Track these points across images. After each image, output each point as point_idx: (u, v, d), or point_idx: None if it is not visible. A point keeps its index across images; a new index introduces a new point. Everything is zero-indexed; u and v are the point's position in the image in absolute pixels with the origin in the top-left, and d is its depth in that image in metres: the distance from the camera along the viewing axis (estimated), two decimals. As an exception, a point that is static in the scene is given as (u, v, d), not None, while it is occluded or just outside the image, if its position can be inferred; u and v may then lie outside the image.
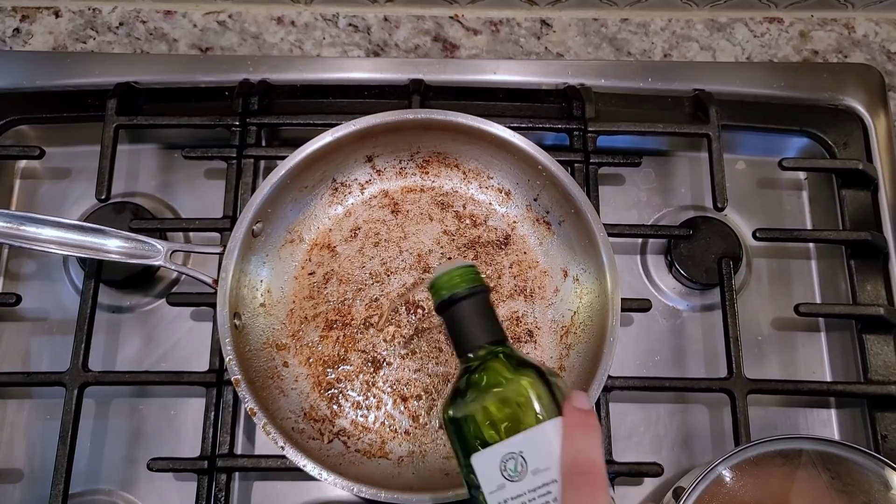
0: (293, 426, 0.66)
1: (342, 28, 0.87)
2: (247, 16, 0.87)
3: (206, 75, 0.80)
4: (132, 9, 0.87)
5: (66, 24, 0.86)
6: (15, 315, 0.75)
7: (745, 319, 0.75)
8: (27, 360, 0.74)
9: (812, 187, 0.82)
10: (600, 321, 0.67)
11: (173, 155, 0.81)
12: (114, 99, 0.76)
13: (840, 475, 0.58)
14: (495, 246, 0.74)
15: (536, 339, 0.71)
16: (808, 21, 0.88)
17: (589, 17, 0.88)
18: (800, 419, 0.74)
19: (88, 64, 0.81)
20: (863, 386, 0.71)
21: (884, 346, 0.72)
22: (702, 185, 0.81)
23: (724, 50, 0.87)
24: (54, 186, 0.80)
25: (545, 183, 0.71)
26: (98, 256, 0.63)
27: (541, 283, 0.73)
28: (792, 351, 0.76)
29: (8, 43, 0.85)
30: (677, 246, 0.76)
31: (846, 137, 0.80)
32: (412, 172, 0.76)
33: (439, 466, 0.66)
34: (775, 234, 0.75)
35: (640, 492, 0.70)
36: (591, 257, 0.69)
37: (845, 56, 0.86)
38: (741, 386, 0.68)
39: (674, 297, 0.77)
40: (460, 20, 0.87)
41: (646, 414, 0.73)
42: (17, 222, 0.62)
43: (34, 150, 0.76)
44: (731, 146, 0.81)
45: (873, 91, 0.81)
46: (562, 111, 0.79)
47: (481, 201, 0.76)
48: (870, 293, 0.74)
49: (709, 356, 0.75)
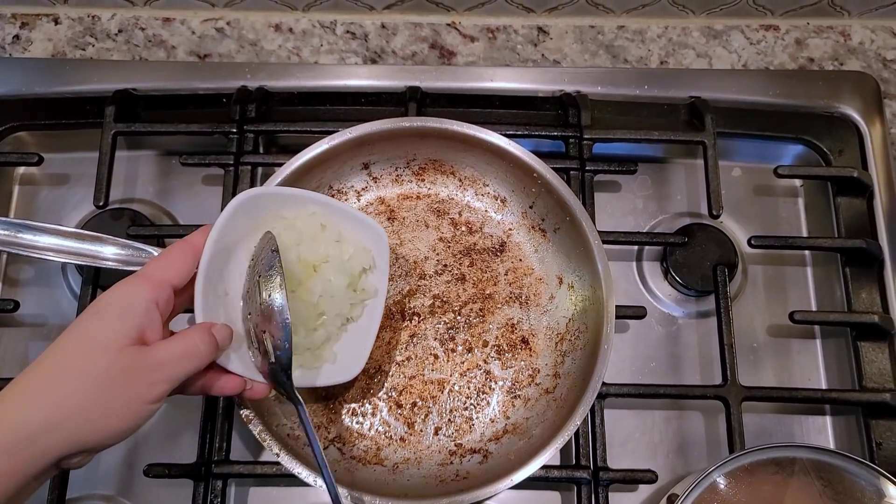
0: (288, 432, 0.67)
1: (340, 35, 0.87)
2: (245, 23, 0.87)
3: (203, 82, 0.81)
4: (131, 16, 0.87)
5: (66, 31, 0.86)
6: (13, 321, 0.75)
7: (741, 326, 0.75)
8: (26, 365, 0.73)
9: (808, 194, 0.82)
10: (595, 328, 0.67)
11: (171, 161, 0.81)
12: (112, 106, 0.76)
13: (832, 483, 0.58)
14: (491, 253, 0.75)
15: (531, 346, 0.72)
16: (804, 28, 0.88)
17: (585, 25, 0.88)
18: (795, 426, 0.74)
19: (87, 71, 0.82)
20: (857, 393, 0.71)
21: (878, 353, 0.72)
22: (698, 193, 0.81)
23: (721, 57, 0.87)
24: (53, 192, 0.80)
25: (540, 191, 0.72)
26: (95, 264, 0.63)
27: (536, 291, 0.74)
28: (787, 358, 0.76)
29: (7, 50, 0.85)
30: (673, 253, 0.76)
31: (842, 145, 0.80)
32: (408, 180, 0.76)
33: (434, 473, 0.67)
34: (770, 241, 0.76)
35: (635, 498, 0.70)
36: (585, 265, 0.69)
37: (841, 64, 0.87)
38: (735, 393, 0.68)
39: (670, 304, 0.77)
40: (457, 27, 0.88)
41: (641, 420, 0.73)
42: (15, 230, 0.62)
43: (33, 156, 0.76)
44: (727, 153, 0.81)
45: (869, 99, 0.82)
46: (558, 118, 0.80)
47: (477, 208, 0.76)
48: (864, 300, 0.75)
49: (704, 363, 0.75)
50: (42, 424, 0.47)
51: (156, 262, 0.56)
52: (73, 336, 0.50)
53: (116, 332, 0.50)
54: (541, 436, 0.66)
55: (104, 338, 0.50)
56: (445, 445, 0.68)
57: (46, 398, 0.47)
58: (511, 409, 0.70)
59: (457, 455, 0.68)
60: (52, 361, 0.50)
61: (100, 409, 0.48)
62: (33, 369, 0.49)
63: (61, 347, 0.50)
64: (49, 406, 0.47)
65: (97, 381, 0.48)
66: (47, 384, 0.48)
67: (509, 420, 0.69)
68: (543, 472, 0.64)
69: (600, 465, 0.67)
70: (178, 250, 0.57)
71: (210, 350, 0.54)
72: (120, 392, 0.49)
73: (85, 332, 0.50)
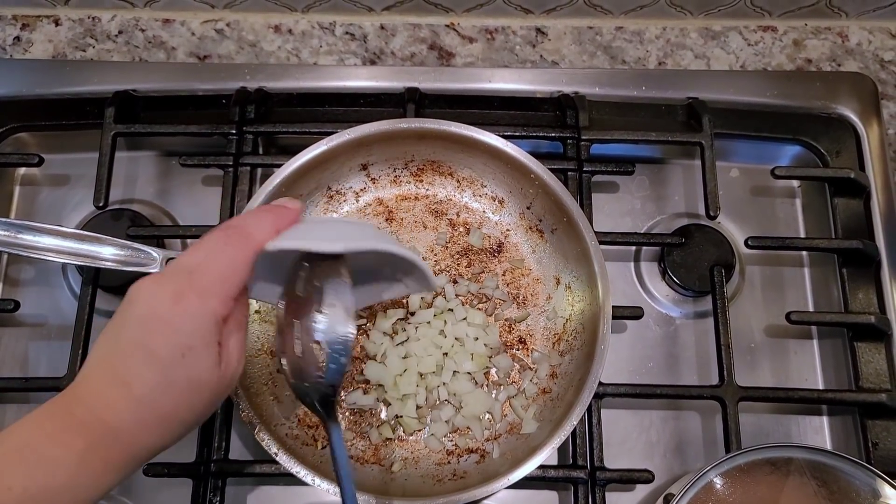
0: (287, 432, 0.67)
1: (339, 36, 0.87)
2: (244, 24, 0.87)
3: (203, 83, 0.81)
4: (131, 17, 0.87)
5: (66, 32, 0.87)
6: (13, 321, 0.76)
7: (738, 327, 0.76)
8: (25, 365, 0.75)
9: (805, 195, 0.82)
10: (592, 329, 0.67)
11: (171, 162, 0.81)
12: (112, 107, 0.76)
13: (828, 483, 0.58)
14: (488, 254, 0.75)
15: (529, 346, 0.72)
16: (801, 30, 0.88)
17: (584, 26, 0.88)
18: (792, 426, 0.74)
19: (87, 72, 0.82)
20: (854, 394, 0.71)
21: (875, 354, 0.73)
22: (695, 193, 0.81)
23: (719, 58, 0.87)
24: (53, 193, 0.81)
25: (538, 191, 0.72)
26: (94, 264, 0.64)
27: (533, 291, 0.74)
28: (784, 358, 0.76)
29: (8, 51, 0.86)
30: (670, 253, 0.76)
31: (839, 146, 0.80)
32: (406, 181, 0.77)
33: (432, 473, 0.67)
34: (767, 242, 0.76)
35: (632, 498, 0.70)
36: (582, 266, 0.69)
37: (839, 65, 0.87)
38: (732, 393, 0.69)
39: (667, 305, 0.77)
40: (456, 28, 0.88)
41: (638, 420, 0.74)
42: (15, 230, 0.63)
43: (33, 157, 0.76)
44: (725, 154, 0.81)
45: (866, 100, 0.82)
46: (556, 119, 0.80)
47: (475, 209, 0.76)
48: (861, 301, 0.75)
49: (701, 363, 0.75)
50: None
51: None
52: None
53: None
54: (538, 435, 0.66)
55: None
56: (443, 445, 0.69)
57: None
58: (508, 409, 0.70)
59: (454, 455, 0.68)
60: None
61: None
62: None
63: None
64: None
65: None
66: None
67: (507, 419, 0.70)
68: (541, 472, 0.64)
69: (597, 464, 0.67)
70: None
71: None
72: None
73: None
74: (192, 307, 0.47)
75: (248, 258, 0.49)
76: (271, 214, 0.51)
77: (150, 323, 0.46)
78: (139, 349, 0.46)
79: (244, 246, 0.49)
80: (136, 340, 0.46)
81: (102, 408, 0.46)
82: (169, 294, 0.47)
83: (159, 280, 0.48)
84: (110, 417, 0.46)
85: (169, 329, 0.46)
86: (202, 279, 0.47)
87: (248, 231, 0.49)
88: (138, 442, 0.47)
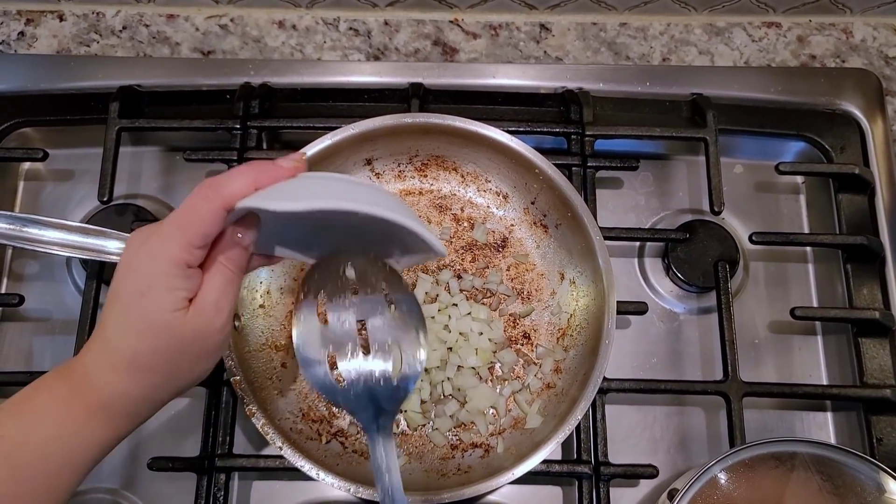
0: (291, 426, 0.67)
1: (343, 32, 0.87)
2: (248, 19, 0.88)
3: (207, 78, 0.81)
4: (135, 12, 0.87)
5: (70, 27, 0.87)
6: (18, 315, 0.76)
7: (742, 322, 0.76)
8: (30, 359, 0.75)
9: (809, 191, 0.82)
10: (596, 324, 0.67)
11: (175, 157, 0.82)
12: (116, 102, 0.76)
13: (832, 478, 0.58)
14: (493, 248, 0.75)
15: (533, 341, 0.72)
16: (806, 26, 0.88)
17: (588, 22, 0.88)
18: (796, 422, 0.74)
19: (92, 67, 0.82)
20: (858, 389, 0.71)
21: (879, 349, 0.73)
22: (699, 189, 0.81)
23: (723, 54, 0.87)
24: (57, 188, 0.81)
25: (542, 186, 0.72)
26: (99, 258, 0.64)
27: (538, 286, 0.74)
28: (788, 354, 0.76)
29: (13, 46, 0.86)
30: (674, 249, 0.76)
31: (843, 142, 0.80)
32: (411, 175, 0.77)
33: (436, 467, 0.67)
34: (771, 237, 0.76)
35: (636, 493, 0.71)
36: (587, 261, 0.69)
37: (843, 61, 0.87)
38: (736, 389, 0.69)
39: (671, 300, 0.77)
40: (460, 24, 0.88)
41: (642, 416, 0.74)
42: (20, 224, 0.63)
43: (38, 152, 0.76)
44: (729, 150, 0.81)
45: (871, 96, 0.82)
46: (560, 115, 0.80)
47: (479, 204, 0.76)
48: (866, 297, 0.75)
49: (705, 359, 0.75)
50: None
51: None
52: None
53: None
54: (542, 430, 0.66)
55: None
56: (447, 440, 0.69)
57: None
58: (512, 404, 0.70)
59: (458, 449, 0.68)
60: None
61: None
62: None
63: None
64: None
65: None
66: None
67: (511, 414, 0.70)
68: (544, 467, 0.64)
69: (601, 459, 0.67)
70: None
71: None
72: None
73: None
74: (151, 249, 0.49)
75: (212, 210, 0.49)
76: (253, 170, 0.51)
77: (120, 267, 0.50)
78: (111, 294, 0.49)
79: (211, 199, 0.49)
80: (112, 287, 0.50)
81: (84, 353, 0.50)
82: (139, 241, 0.50)
83: (137, 231, 0.51)
84: (87, 360, 0.49)
85: (130, 271, 0.49)
86: (165, 226, 0.49)
87: (219, 185, 0.50)
88: (111, 385, 0.49)
